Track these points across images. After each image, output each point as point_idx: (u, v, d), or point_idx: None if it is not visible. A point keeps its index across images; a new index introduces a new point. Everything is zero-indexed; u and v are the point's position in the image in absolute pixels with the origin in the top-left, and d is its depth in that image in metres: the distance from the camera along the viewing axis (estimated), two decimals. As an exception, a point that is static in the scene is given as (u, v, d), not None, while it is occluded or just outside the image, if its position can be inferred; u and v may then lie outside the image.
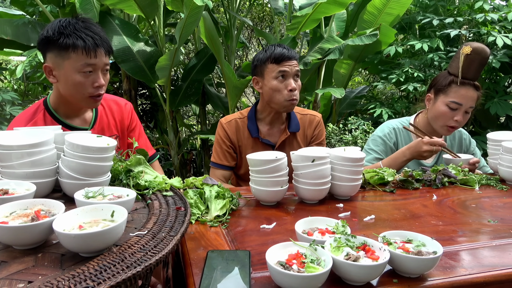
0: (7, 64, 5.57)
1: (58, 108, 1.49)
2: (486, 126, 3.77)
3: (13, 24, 3.53)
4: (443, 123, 1.83)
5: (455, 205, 1.31)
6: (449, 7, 3.82)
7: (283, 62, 1.69)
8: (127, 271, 0.63)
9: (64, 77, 1.37)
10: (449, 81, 1.80)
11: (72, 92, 1.39)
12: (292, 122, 1.84)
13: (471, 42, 1.75)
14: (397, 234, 0.87)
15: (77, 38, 1.32)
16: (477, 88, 1.79)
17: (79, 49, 1.32)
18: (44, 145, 0.98)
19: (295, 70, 1.71)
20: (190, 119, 6.46)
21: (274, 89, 1.70)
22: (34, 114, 1.47)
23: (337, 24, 4.18)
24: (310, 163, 1.23)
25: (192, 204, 1.13)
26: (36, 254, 0.70)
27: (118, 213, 0.77)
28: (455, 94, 1.78)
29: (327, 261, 0.73)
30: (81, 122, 1.54)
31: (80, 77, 1.35)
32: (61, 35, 1.32)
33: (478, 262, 0.88)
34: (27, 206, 0.80)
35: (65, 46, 1.32)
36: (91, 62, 1.35)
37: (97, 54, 1.36)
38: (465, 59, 1.73)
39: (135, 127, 1.72)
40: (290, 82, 1.69)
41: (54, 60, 1.36)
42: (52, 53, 1.35)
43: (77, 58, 1.33)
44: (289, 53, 1.70)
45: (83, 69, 1.34)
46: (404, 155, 1.75)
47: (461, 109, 1.79)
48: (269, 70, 1.71)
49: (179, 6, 3.38)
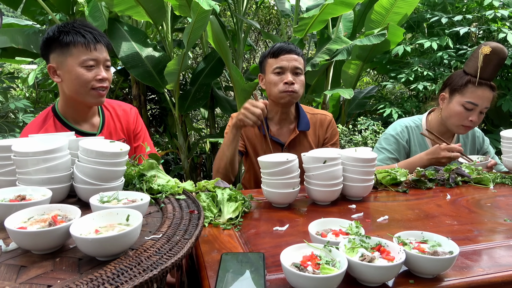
0: (18, 72, 5.67)
1: (66, 113, 1.53)
2: (498, 124, 3.72)
3: (24, 33, 3.60)
4: (458, 123, 1.81)
5: (470, 204, 1.29)
6: (457, 5, 3.79)
7: (280, 55, 1.70)
8: (144, 274, 0.64)
9: (67, 73, 1.41)
10: (465, 81, 1.77)
11: (77, 88, 1.42)
12: (301, 121, 1.83)
13: (490, 42, 1.73)
14: (412, 235, 0.87)
15: (76, 34, 1.38)
16: (493, 89, 1.76)
17: (79, 44, 1.38)
18: (59, 151, 1.00)
19: (293, 65, 1.70)
20: (199, 123, 6.49)
21: (271, 82, 1.73)
22: (44, 122, 1.50)
23: (345, 25, 4.17)
24: (322, 164, 1.22)
25: (205, 207, 1.13)
26: (54, 259, 0.71)
27: (133, 217, 0.78)
28: (472, 95, 1.76)
29: (342, 262, 0.73)
30: (90, 127, 1.57)
31: (83, 71, 1.40)
32: (61, 33, 1.38)
33: (495, 262, 0.86)
34: (44, 212, 0.81)
35: (66, 43, 1.38)
36: (92, 56, 1.40)
37: (97, 48, 1.42)
38: (483, 59, 1.70)
39: (140, 131, 1.74)
40: (286, 76, 1.70)
41: (57, 59, 1.41)
42: (55, 52, 1.40)
43: (79, 53, 1.39)
44: (288, 46, 1.71)
45: (85, 63, 1.40)
46: (422, 161, 1.73)
47: (477, 110, 1.77)
48: (269, 64, 1.75)
49: (186, 11, 3.41)
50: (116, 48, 3.50)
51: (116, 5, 3.23)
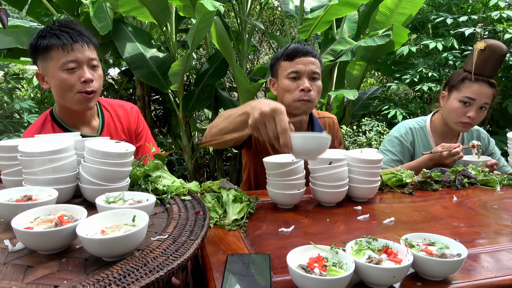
0: (23, 73, 5.70)
1: (63, 117, 1.49)
2: (503, 125, 3.70)
3: (29, 34, 3.61)
4: (456, 120, 1.81)
5: (476, 206, 1.28)
6: (462, 5, 3.77)
7: (296, 58, 1.54)
8: (150, 275, 0.64)
9: (52, 80, 1.36)
10: (462, 77, 1.79)
11: (62, 93, 1.37)
12: (315, 126, 1.74)
13: (486, 39, 1.73)
14: (419, 237, 0.86)
15: (51, 37, 1.32)
16: (492, 85, 1.75)
17: (55, 46, 1.32)
18: (65, 151, 1.00)
19: (310, 69, 1.54)
20: (203, 123, 6.50)
21: (285, 88, 1.56)
22: (42, 126, 1.47)
23: (349, 26, 4.16)
24: (327, 165, 1.22)
25: (210, 208, 1.13)
26: (60, 259, 0.71)
27: (139, 217, 0.78)
28: (468, 90, 1.76)
29: (349, 264, 0.72)
30: (89, 130, 1.53)
31: (64, 75, 1.33)
32: (39, 38, 1.34)
33: (503, 265, 0.86)
34: (50, 212, 0.81)
35: (45, 48, 1.33)
36: (71, 58, 1.33)
37: (75, 48, 1.33)
38: (479, 55, 1.71)
39: (142, 130, 1.70)
40: (303, 82, 1.53)
41: (41, 65, 1.37)
42: (39, 59, 1.37)
43: (57, 56, 1.33)
44: (304, 48, 1.55)
45: (65, 66, 1.33)
46: (427, 165, 1.73)
47: (474, 105, 1.76)
48: (282, 68, 1.59)
49: (190, 12, 3.41)
50: (120, 48, 3.51)
51: (121, 6, 3.23)
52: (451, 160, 1.67)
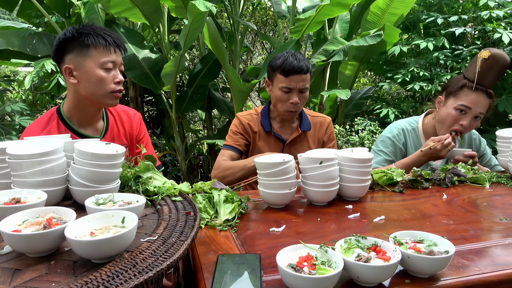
0: (15, 75, 5.65)
1: (72, 116, 1.51)
2: (494, 124, 3.73)
3: (19, 35, 3.59)
4: (448, 126, 1.80)
5: (466, 204, 1.30)
6: (453, 5, 3.80)
7: (290, 75, 1.72)
8: (139, 276, 0.64)
9: (86, 75, 1.41)
10: (461, 85, 1.76)
11: (95, 89, 1.43)
12: (304, 121, 1.91)
13: (490, 48, 1.72)
14: (408, 234, 0.87)
15: (97, 36, 1.40)
16: (489, 96, 1.74)
17: (101, 46, 1.40)
18: (54, 153, 0.99)
19: (301, 86, 1.74)
20: (196, 124, 6.49)
21: (278, 98, 1.79)
22: (47, 123, 1.49)
23: (341, 26, 4.19)
24: (318, 165, 1.23)
25: (201, 209, 1.13)
26: (49, 262, 0.71)
27: (128, 219, 0.78)
28: (466, 98, 1.74)
29: (338, 262, 0.73)
30: (93, 131, 1.56)
31: (102, 73, 1.41)
32: (81, 34, 1.39)
33: (491, 261, 0.87)
34: (39, 214, 0.81)
35: (87, 44, 1.39)
36: (112, 58, 1.43)
37: (116, 51, 1.45)
38: (482, 64, 1.68)
39: (143, 137, 1.73)
40: (292, 96, 1.75)
41: (75, 60, 1.40)
42: (72, 54, 1.40)
43: (99, 55, 1.40)
44: (299, 64, 1.71)
45: (105, 65, 1.41)
46: (421, 161, 1.74)
47: (469, 114, 1.75)
48: (277, 80, 1.77)
49: (183, 13, 3.41)
50: (112, 50, 3.49)
51: (113, 7, 3.22)
52: (445, 151, 1.68)
